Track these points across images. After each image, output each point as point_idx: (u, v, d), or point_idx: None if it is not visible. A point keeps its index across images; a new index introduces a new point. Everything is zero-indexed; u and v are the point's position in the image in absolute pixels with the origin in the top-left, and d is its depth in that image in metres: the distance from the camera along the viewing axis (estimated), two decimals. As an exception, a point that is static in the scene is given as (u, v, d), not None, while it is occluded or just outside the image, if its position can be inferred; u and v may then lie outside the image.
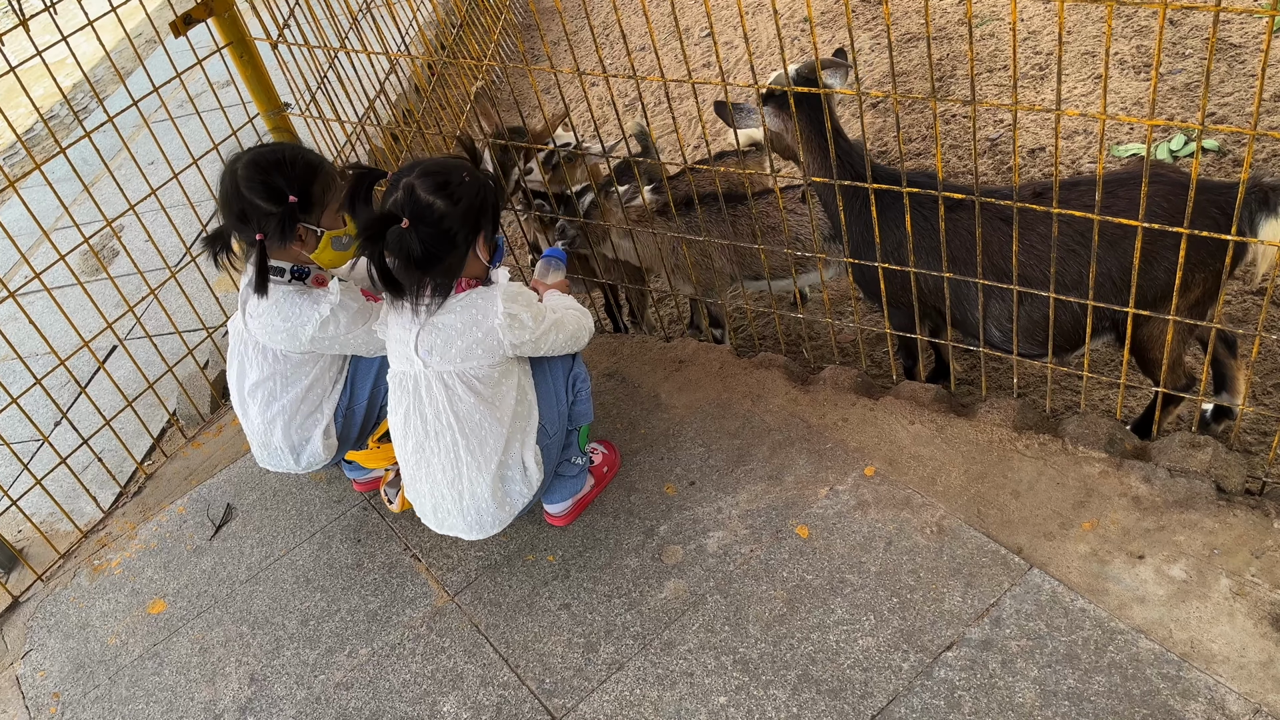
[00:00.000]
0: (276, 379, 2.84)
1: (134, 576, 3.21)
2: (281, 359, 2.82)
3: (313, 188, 2.64)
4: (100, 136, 3.41)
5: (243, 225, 2.64)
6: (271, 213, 2.59)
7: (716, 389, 3.28)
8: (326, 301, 2.73)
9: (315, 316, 2.72)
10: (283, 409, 2.86)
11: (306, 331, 2.73)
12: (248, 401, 2.89)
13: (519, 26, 7.05)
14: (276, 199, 2.58)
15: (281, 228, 2.60)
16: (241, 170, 2.60)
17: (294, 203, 2.59)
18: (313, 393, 2.88)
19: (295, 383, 2.85)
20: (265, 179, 2.58)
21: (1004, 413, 2.88)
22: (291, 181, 2.60)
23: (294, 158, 2.65)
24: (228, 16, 3.43)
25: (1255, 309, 3.48)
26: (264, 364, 2.83)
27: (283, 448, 2.90)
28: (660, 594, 2.68)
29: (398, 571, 2.97)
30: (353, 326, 2.77)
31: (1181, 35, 4.80)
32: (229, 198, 2.63)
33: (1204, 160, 4.09)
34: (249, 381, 2.86)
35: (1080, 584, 2.40)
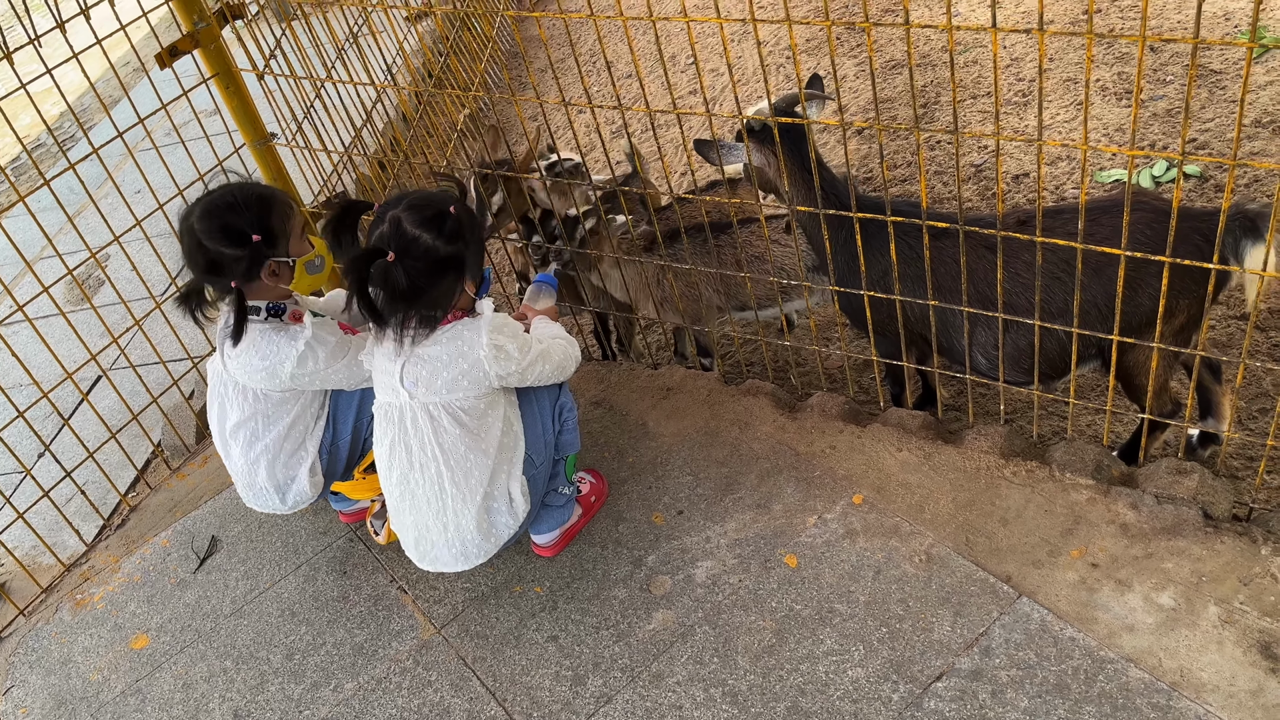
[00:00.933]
0: (258, 419, 2.82)
1: (117, 611, 3.17)
2: (262, 398, 2.81)
3: (271, 221, 2.64)
4: (85, 166, 3.40)
5: (214, 276, 2.63)
6: (239, 257, 2.58)
7: (704, 416, 3.27)
8: (302, 337, 2.71)
9: (292, 353, 2.70)
10: (266, 449, 2.84)
11: (285, 369, 2.71)
12: (230, 443, 2.87)
13: (505, 54, 7.09)
14: (240, 242, 2.58)
15: (252, 268, 2.60)
16: (198, 223, 2.59)
17: (258, 241, 2.59)
18: (295, 431, 2.86)
19: (277, 422, 2.83)
20: (223, 225, 2.58)
21: (991, 439, 2.88)
22: (250, 221, 2.59)
23: (245, 197, 2.64)
24: (213, 48, 3.43)
25: (1239, 333, 3.49)
26: (244, 404, 2.81)
27: (268, 487, 2.88)
28: (649, 625, 2.66)
29: (384, 604, 2.95)
30: (331, 361, 2.75)
31: (1162, 62, 4.85)
32: (193, 252, 2.62)
33: (1186, 186, 4.12)
34: (230, 422, 2.84)
35: (1069, 612, 2.40)
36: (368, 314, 2.41)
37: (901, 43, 5.73)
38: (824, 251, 2.92)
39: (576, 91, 6.46)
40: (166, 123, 3.57)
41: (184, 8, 3.36)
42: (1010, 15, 5.62)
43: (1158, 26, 5.07)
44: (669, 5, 7.08)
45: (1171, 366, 2.81)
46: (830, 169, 2.94)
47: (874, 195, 3.03)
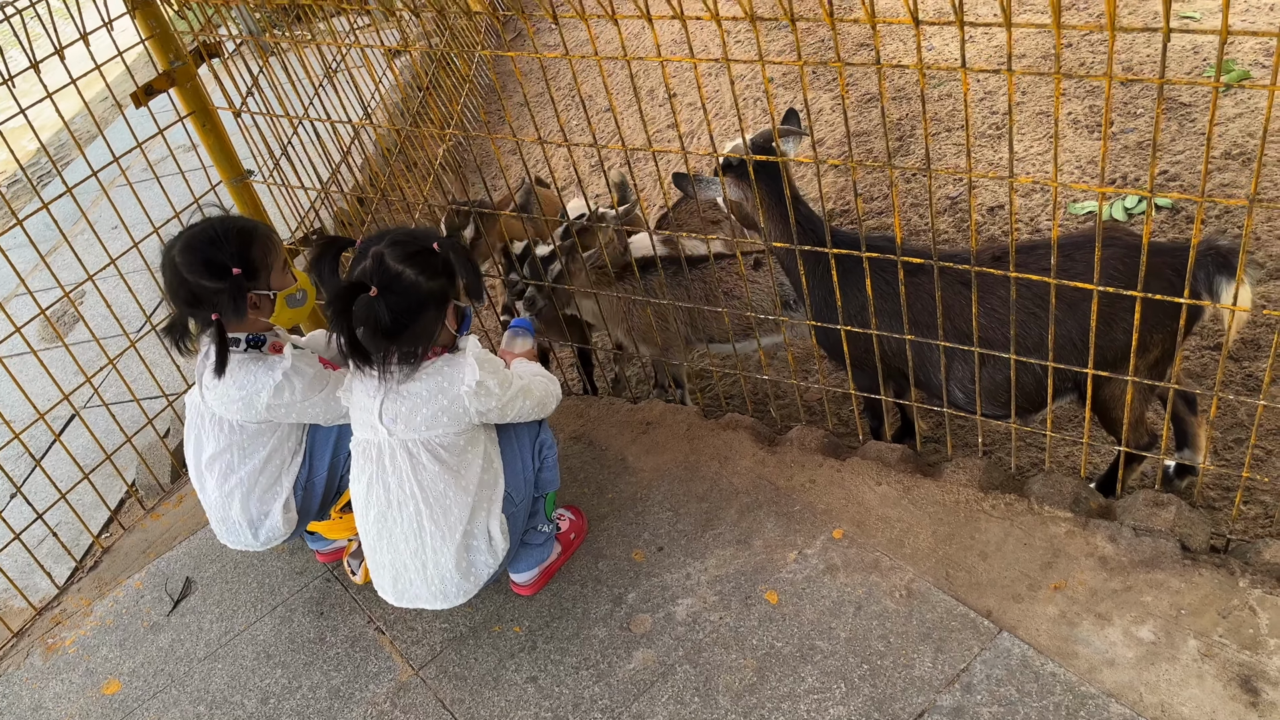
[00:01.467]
0: (234, 450, 2.80)
1: (89, 655, 3.12)
2: (238, 430, 2.79)
3: (252, 254, 2.64)
4: (60, 203, 3.38)
5: (195, 309, 2.63)
6: (220, 289, 2.57)
7: (684, 451, 3.26)
8: (280, 367, 2.70)
9: (269, 383, 2.68)
10: (241, 481, 2.81)
11: (261, 399, 2.69)
12: (205, 475, 2.84)
13: (483, 89, 7.12)
14: (221, 275, 2.57)
15: (234, 301, 2.58)
16: (179, 256, 2.59)
17: (239, 274, 2.58)
18: (271, 464, 2.83)
19: (253, 454, 2.81)
20: (205, 258, 2.57)
21: (970, 473, 2.88)
22: (231, 254, 2.59)
23: (226, 230, 2.64)
24: (189, 86, 3.43)
25: (1213, 364, 3.52)
26: (220, 435, 2.79)
27: (241, 522, 2.85)
28: (629, 664, 2.63)
29: (361, 645, 2.91)
30: (308, 393, 2.73)
31: (1133, 95, 4.92)
32: (174, 286, 2.62)
33: (1158, 218, 4.17)
34: (206, 454, 2.82)
35: (1050, 647, 2.39)
36: (349, 350, 2.40)
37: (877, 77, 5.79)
38: (801, 286, 2.93)
39: (554, 127, 6.49)
40: (142, 160, 3.55)
41: (160, 47, 3.36)
42: (983, 49, 5.70)
43: (1127, 60, 5.15)
44: (644, 39, 7.14)
45: (1147, 399, 2.83)
46: (806, 204, 2.95)
47: (850, 229, 3.05)
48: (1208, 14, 5.27)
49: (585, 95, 6.90)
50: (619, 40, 2.34)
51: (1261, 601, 2.35)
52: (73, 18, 3.16)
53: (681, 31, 7.05)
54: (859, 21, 2.09)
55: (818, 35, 6.50)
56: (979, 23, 1.85)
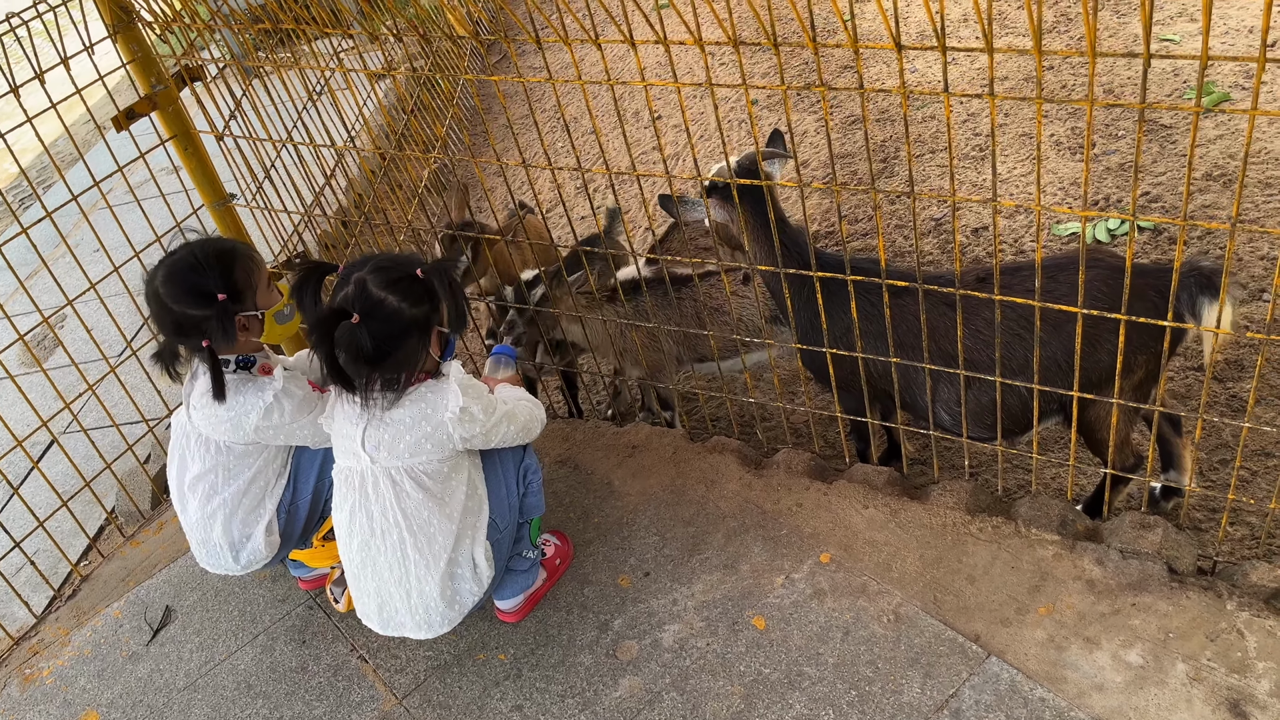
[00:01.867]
0: (219, 471, 2.77)
1: (66, 686, 3.07)
2: (224, 451, 2.76)
3: (236, 277, 2.61)
4: (40, 228, 3.35)
5: (184, 337, 2.60)
6: (207, 316, 2.55)
7: (670, 475, 3.24)
8: (270, 389, 2.67)
9: (259, 404, 2.66)
10: (224, 503, 2.78)
11: (250, 420, 2.67)
12: (187, 496, 2.81)
13: (467, 112, 7.12)
14: (206, 302, 2.55)
15: (222, 326, 2.56)
16: (162, 286, 2.56)
17: (224, 300, 2.56)
18: (255, 486, 2.80)
19: (238, 476, 2.78)
20: (188, 287, 2.55)
21: (957, 495, 2.87)
22: (214, 279, 2.57)
23: (207, 256, 2.61)
24: (171, 110, 3.41)
25: (1197, 385, 3.53)
26: (206, 456, 2.76)
27: (222, 544, 2.82)
28: (615, 693, 2.60)
29: (344, 674, 2.87)
30: (297, 415, 2.71)
31: (1114, 117, 4.95)
32: (160, 316, 2.59)
33: (1140, 239, 4.19)
34: (190, 475, 2.79)
35: (1038, 672, 2.38)
36: (333, 378, 2.37)
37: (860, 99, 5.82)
38: (786, 307, 2.93)
39: (538, 150, 6.49)
40: (123, 183, 3.53)
41: (141, 70, 3.35)
42: (965, 71, 5.74)
43: (1108, 82, 5.19)
44: (629, 62, 7.17)
45: (1132, 421, 2.83)
46: (791, 225, 2.95)
47: (835, 251, 3.05)
48: (1187, 36, 5.32)
49: (570, 118, 6.91)
50: (603, 64, 2.34)
51: (1249, 624, 2.35)
52: (53, 41, 3.14)
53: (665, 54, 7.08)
54: (842, 45, 2.10)
55: (801, 58, 6.54)
56: (961, 48, 1.85)
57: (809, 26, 2.08)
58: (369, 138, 5.22)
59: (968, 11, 6.23)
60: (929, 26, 6.17)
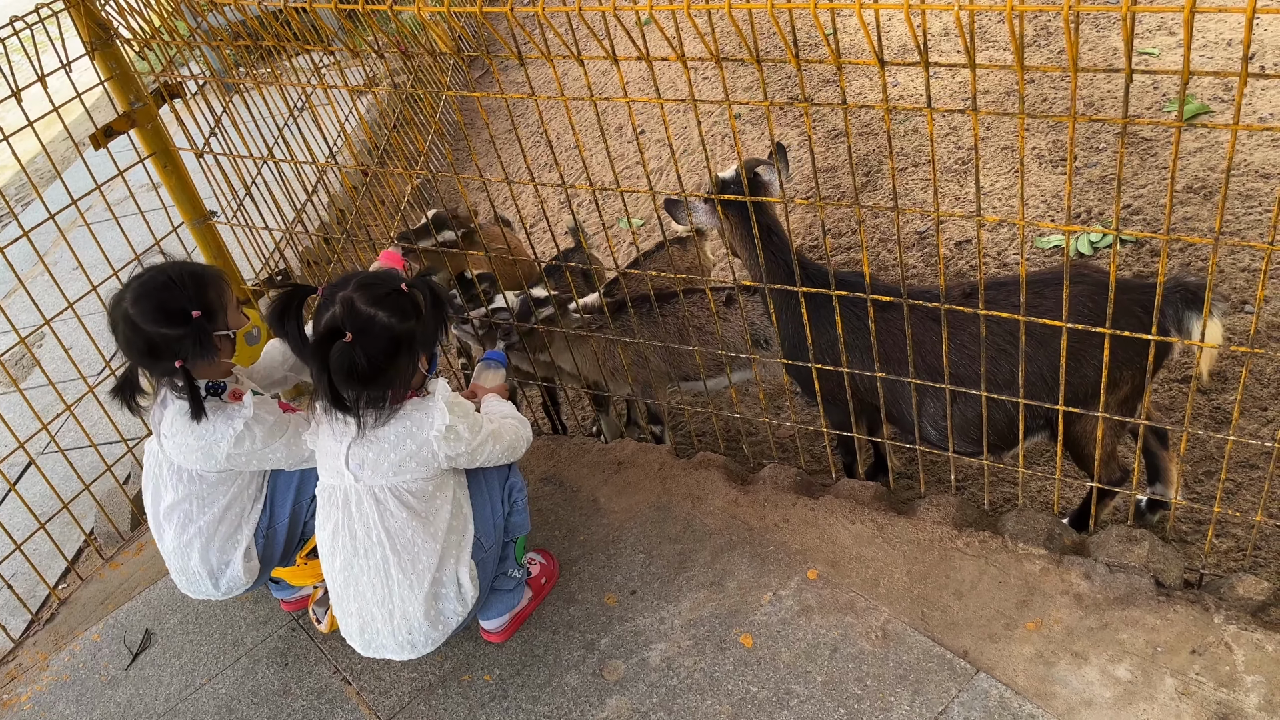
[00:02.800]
0: (193, 500, 2.74)
1: (44, 712, 3.02)
2: (197, 479, 2.73)
3: (209, 296, 2.58)
4: (16, 247, 3.31)
5: (154, 360, 2.55)
6: (181, 336, 2.51)
7: (656, 491, 3.22)
8: (240, 416, 2.63)
9: (229, 432, 2.62)
10: (200, 531, 2.75)
11: (221, 448, 2.63)
12: (163, 525, 2.78)
13: (449, 128, 7.11)
14: (180, 321, 2.50)
15: (200, 344, 2.52)
16: (132, 308, 2.51)
17: (199, 317, 2.52)
18: (230, 513, 2.77)
19: (212, 503, 2.74)
20: (160, 305, 2.51)
21: (944, 510, 2.86)
22: (188, 298, 2.53)
23: (179, 275, 2.58)
24: (150, 127, 3.39)
25: (1182, 398, 3.54)
26: (179, 485, 2.73)
27: (200, 572, 2.78)
28: (602, 713, 2.58)
29: (327, 697, 2.83)
30: (269, 440, 2.68)
31: (1095, 130, 4.98)
32: (129, 338, 2.53)
33: (1123, 251, 4.20)
34: (164, 504, 2.75)
35: (1027, 687, 2.37)
36: (334, 404, 2.34)
37: (843, 114, 5.84)
38: (772, 318, 2.93)
39: (520, 165, 6.48)
40: (101, 202, 3.50)
41: (120, 88, 3.32)
42: (948, 85, 5.76)
43: (1089, 95, 5.22)
44: (611, 77, 7.17)
45: (1118, 435, 2.83)
46: (780, 236, 2.94)
47: (821, 263, 3.04)
48: (1166, 49, 5.36)
49: (553, 133, 6.90)
50: (585, 79, 2.33)
51: (1236, 638, 2.34)
52: (30, 60, 3.11)
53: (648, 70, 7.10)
54: (824, 61, 2.09)
55: (783, 72, 6.56)
56: (943, 63, 1.85)
57: (791, 42, 2.07)
58: (351, 154, 5.20)
59: (949, 26, 6.27)
60: (910, 41, 6.20)
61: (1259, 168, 4.38)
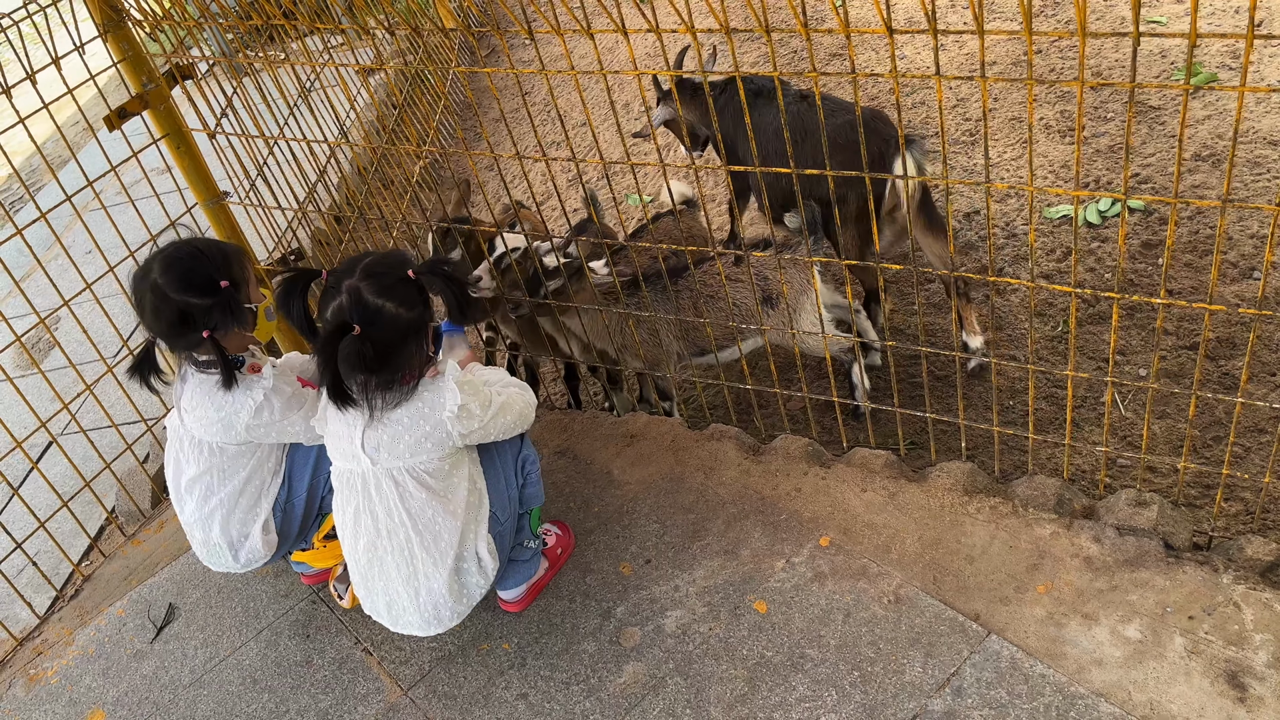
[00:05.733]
0: (214, 473, 2.79)
1: (71, 685, 3.08)
2: (218, 452, 2.77)
3: (233, 268, 2.63)
4: (33, 228, 3.35)
5: (182, 329, 2.59)
6: (209, 306, 2.55)
7: (669, 463, 3.26)
8: (260, 387, 2.68)
9: (249, 403, 2.67)
10: (221, 503, 2.80)
11: (241, 419, 2.68)
12: (185, 498, 2.83)
13: (459, 106, 7.11)
14: (209, 291, 2.55)
15: (230, 313, 2.57)
16: (161, 277, 2.55)
17: (227, 287, 2.57)
18: (250, 486, 2.82)
19: (233, 476, 2.79)
20: (190, 275, 2.55)
21: (954, 477, 2.89)
22: (216, 269, 2.58)
23: (205, 247, 2.63)
24: (163, 109, 3.41)
25: (1190, 363, 3.56)
26: (200, 458, 2.78)
27: (221, 544, 2.84)
28: (619, 678, 2.63)
29: (349, 667, 2.89)
30: (287, 412, 2.72)
31: (1103, 99, 4.97)
32: (157, 308, 2.57)
33: (1131, 219, 4.21)
34: (185, 477, 2.81)
35: (1038, 648, 2.40)
36: (334, 394, 2.36)
37: (851, 85, 5.83)
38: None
39: (531, 142, 6.49)
40: (116, 183, 3.53)
41: (132, 70, 3.34)
42: (954, 57, 5.75)
43: (1096, 65, 5.21)
44: (620, 52, 7.16)
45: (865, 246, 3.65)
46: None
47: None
48: (1174, 18, 5.34)
49: (562, 110, 6.90)
50: (594, 54, 2.34)
51: (1245, 597, 2.37)
52: (44, 42, 3.14)
53: (657, 44, 7.08)
54: (833, 32, 2.11)
55: (791, 46, 6.55)
56: (952, 30, 1.86)
57: (800, 13, 2.09)
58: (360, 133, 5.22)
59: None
60: (917, 12, 6.18)
61: (1267, 134, 4.37)
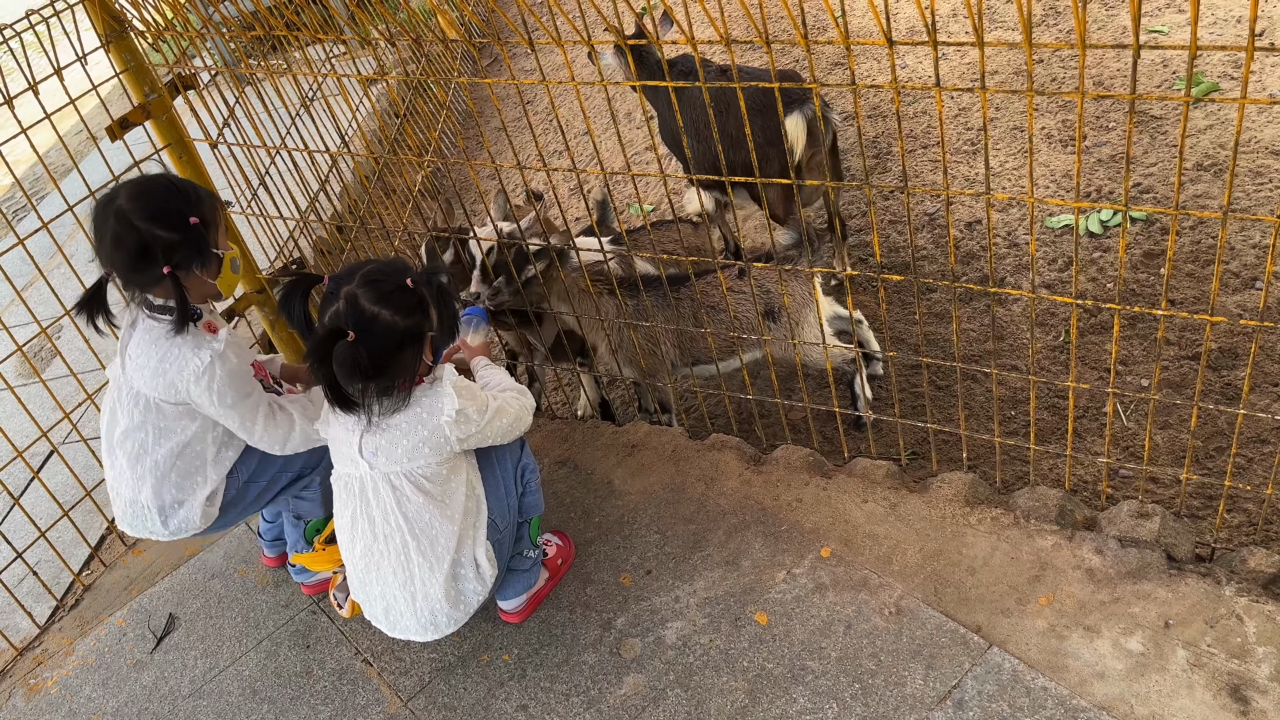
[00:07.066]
0: (148, 430, 2.64)
1: (71, 696, 3.07)
2: (154, 409, 2.62)
3: (205, 209, 2.51)
4: (35, 238, 3.35)
5: (142, 263, 2.45)
6: (175, 241, 2.43)
7: (670, 473, 3.26)
8: (209, 349, 2.52)
9: (195, 363, 2.51)
10: (155, 465, 2.66)
11: (184, 377, 2.53)
12: (116, 451, 2.68)
13: (460, 115, 7.13)
14: (178, 225, 2.43)
15: (197, 252, 2.45)
16: (128, 204, 2.42)
17: (197, 224, 2.44)
18: (191, 451, 2.68)
19: (169, 437, 2.65)
20: (161, 206, 2.44)
21: (956, 488, 2.89)
22: (188, 204, 2.46)
23: (179, 183, 2.53)
24: (165, 119, 3.42)
25: (1192, 374, 3.55)
26: (135, 411, 2.63)
27: (151, 508, 2.70)
28: (619, 690, 2.62)
29: (349, 678, 2.88)
30: (226, 388, 2.55)
31: (1104, 109, 4.97)
32: (119, 236, 2.43)
33: (1133, 229, 4.21)
34: (119, 429, 2.66)
35: (1040, 661, 2.39)
36: (333, 398, 2.37)
37: (852, 95, 5.83)
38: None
39: (532, 152, 6.50)
40: (119, 193, 3.52)
41: (135, 80, 3.35)
42: (955, 66, 5.75)
43: (1097, 74, 5.21)
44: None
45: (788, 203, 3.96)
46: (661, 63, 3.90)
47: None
48: (1175, 27, 5.34)
49: (563, 119, 6.91)
50: (595, 64, 2.35)
51: (1248, 610, 2.36)
52: (46, 52, 3.14)
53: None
54: (833, 42, 2.11)
55: (791, 55, 6.55)
56: (952, 42, 1.87)
57: (801, 24, 2.09)
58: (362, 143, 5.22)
59: (957, 7, 6.25)
60: (918, 22, 6.19)
61: (1269, 144, 4.37)
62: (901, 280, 2.67)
